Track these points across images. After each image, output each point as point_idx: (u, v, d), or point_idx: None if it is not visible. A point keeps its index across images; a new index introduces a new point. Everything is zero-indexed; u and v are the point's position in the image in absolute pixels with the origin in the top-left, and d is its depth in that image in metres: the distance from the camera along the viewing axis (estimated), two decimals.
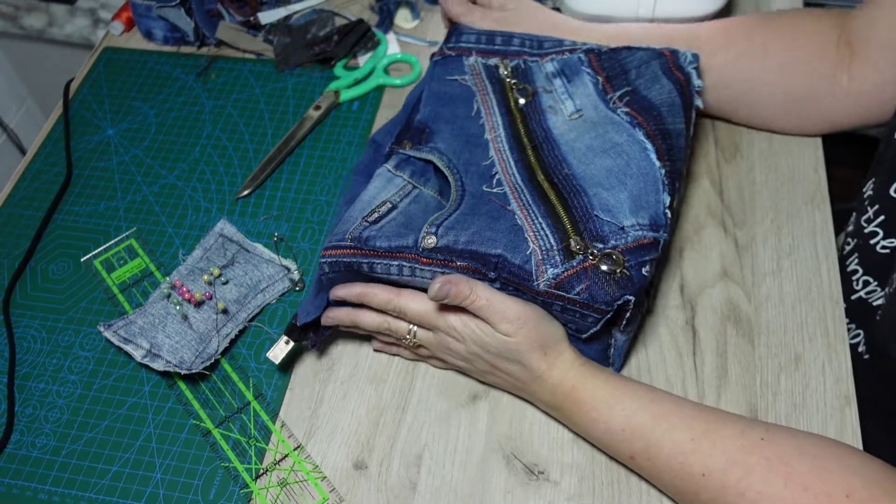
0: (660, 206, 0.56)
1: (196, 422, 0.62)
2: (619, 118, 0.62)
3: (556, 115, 0.65)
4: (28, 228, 0.74)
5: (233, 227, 0.72)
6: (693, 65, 0.65)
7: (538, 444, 0.59)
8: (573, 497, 0.56)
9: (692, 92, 0.64)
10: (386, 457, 0.59)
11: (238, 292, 0.66)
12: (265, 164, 0.77)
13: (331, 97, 0.81)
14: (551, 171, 0.60)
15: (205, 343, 0.63)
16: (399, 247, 0.56)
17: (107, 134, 0.82)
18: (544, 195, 0.58)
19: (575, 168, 0.60)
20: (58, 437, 0.62)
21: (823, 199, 0.71)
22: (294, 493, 0.58)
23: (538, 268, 0.54)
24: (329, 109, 0.81)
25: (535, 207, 0.57)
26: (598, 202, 0.56)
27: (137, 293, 0.69)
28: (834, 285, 0.65)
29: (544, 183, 0.59)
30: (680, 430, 0.52)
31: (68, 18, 1.28)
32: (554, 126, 0.64)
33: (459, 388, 0.62)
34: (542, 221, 0.56)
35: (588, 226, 0.55)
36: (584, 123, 0.64)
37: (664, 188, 0.57)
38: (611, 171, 0.58)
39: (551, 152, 0.62)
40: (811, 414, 0.59)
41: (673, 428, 0.52)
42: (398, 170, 0.64)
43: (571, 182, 0.59)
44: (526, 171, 0.60)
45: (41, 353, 0.66)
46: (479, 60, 0.71)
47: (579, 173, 0.59)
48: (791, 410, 0.59)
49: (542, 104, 0.66)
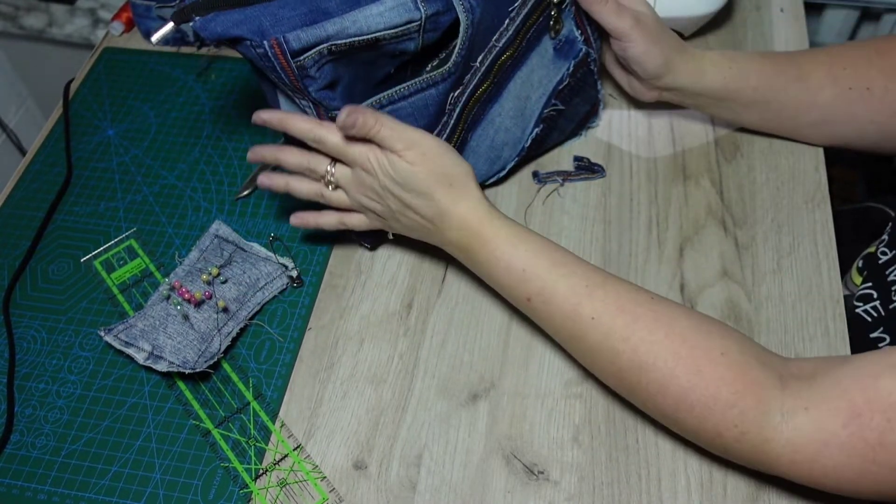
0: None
1: (196, 422, 0.62)
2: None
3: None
4: (28, 229, 0.74)
5: (228, 227, 0.72)
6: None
7: (538, 444, 0.59)
8: (573, 497, 0.56)
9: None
10: (386, 457, 0.59)
11: (237, 291, 0.66)
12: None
13: None
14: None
15: (207, 342, 0.63)
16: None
17: (107, 134, 0.82)
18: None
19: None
20: (58, 437, 0.62)
21: (823, 198, 0.71)
22: (294, 493, 0.58)
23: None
24: None
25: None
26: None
27: (137, 294, 0.69)
28: (834, 285, 0.65)
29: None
30: (577, 277, 0.55)
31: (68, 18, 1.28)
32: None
33: (459, 388, 0.62)
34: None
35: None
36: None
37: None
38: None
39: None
40: None
41: (571, 274, 0.56)
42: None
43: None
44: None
45: (41, 353, 0.66)
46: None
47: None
48: None
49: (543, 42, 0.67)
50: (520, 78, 0.66)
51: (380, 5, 0.56)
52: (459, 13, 0.58)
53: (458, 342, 0.64)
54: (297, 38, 0.54)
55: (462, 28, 0.59)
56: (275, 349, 0.65)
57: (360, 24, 0.56)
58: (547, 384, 0.62)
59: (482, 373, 0.63)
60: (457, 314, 0.66)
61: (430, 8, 0.57)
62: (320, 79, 0.57)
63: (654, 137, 0.76)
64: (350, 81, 0.59)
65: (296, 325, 0.66)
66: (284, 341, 0.65)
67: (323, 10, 0.56)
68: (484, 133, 0.67)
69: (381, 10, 0.56)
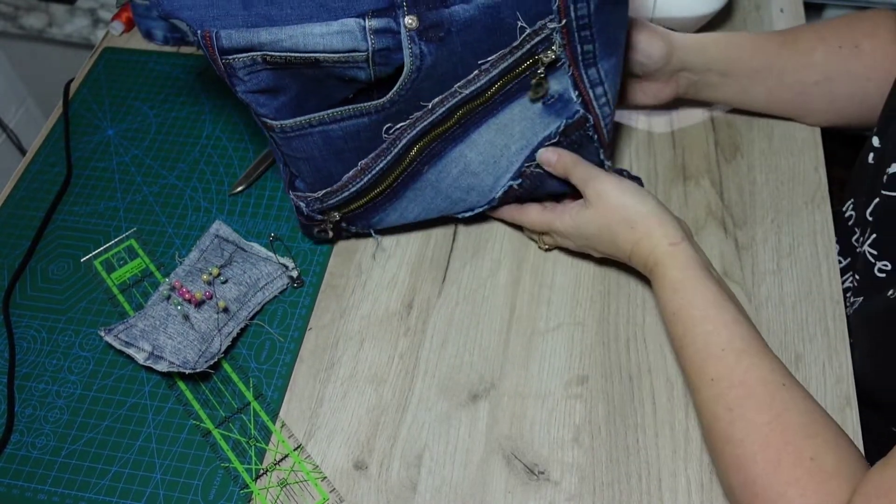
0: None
1: (196, 422, 0.62)
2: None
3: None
4: (28, 229, 0.74)
5: (228, 227, 0.72)
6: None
7: (538, 444, 0.59)
8: (573, 497, 0.56)
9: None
10: (386, 457, 0.59)
11: (238, 291, 0.66)
12: (260, 161, 0.77)
13: None
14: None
15: (207, 342, 0.63)
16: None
17: (107, 134, 0.82)
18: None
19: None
20: (58, 437, 0.62)
21: (823, 198, 0.71)
22: (294, 493, 0.58)
23: None
24: None
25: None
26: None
27: (137, 294, 0.69)
28: (834, 285, 0.65)
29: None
30: (718, 337, 0.55)
31: (68, 18, 1.28)
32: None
33: (459, 388, 0.62)
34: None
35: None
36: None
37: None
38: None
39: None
40: None
41: (713, 332, 0.55)
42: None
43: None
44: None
45: (41, 353, 0.66)
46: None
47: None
48: None
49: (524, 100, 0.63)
50: (494, 125, 0.63)
51: (323, 26, 0.55)
52: (405, 57, 0.57)
53: (459, 342, 0.64)
54: (228, 37, 0.55)
55: (405, 71, 0.57)
56: (275, 349, 0.65)
57: (296, 40, 0.55)
58: (547, 384, 0.62)
59: (482, 373, 0.63)
60: (457, 314, 0.66)
61: (380, 43, 0.56)
62: (250, 82, 0.57)
63: (654, 138, 0.76)
64: (299, 94, 0.59)
65: (296, 325, 0.66)
66: (285, 341, 0.65)
67: (270, 17, 0.56)
68: (445, 170, 0.65)
69: (324, 31, 0.55)
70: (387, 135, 0.62)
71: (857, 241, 0.68)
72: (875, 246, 0.62)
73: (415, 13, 0.55)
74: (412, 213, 0.68)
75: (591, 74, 0.62)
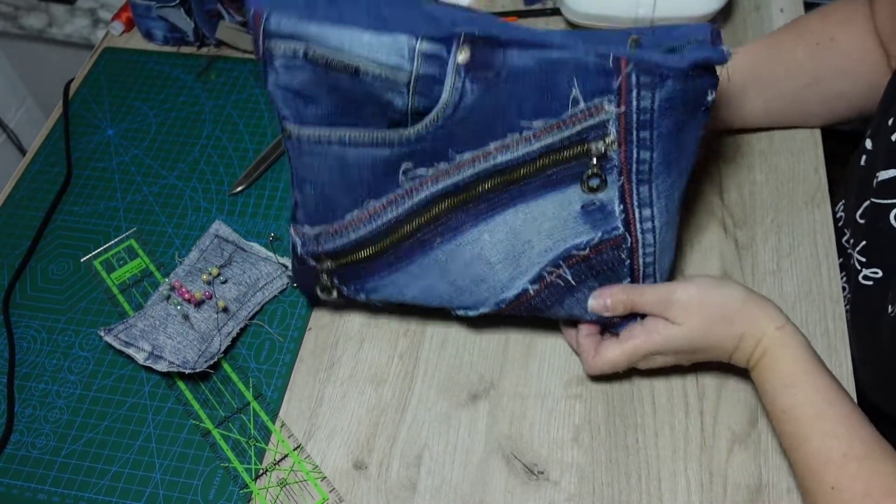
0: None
1: (196, 422, 0.62)
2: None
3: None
4: (28, 229, 0.74)
5: (228, 227, 0.72)
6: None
7: (538, 444, 0.59)
8: (573, 497, 0.56)
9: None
10: (386, 457, 0.59)
11: (237, 291, 0.66)
12: (260, 161, 0.77)
13: None
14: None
15: (207, 342, 0.63)
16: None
17: (107, 134, 0.82)
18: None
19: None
20: (58, 437, 0.62)
21: (823, 198, 0.71)
22: (294, 493, 0.58)
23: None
24: None
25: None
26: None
27: (137, 293, 0.69)
28: (834, 285, 0.65)
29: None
30: (837, 440, 0.50)
31: (68, 18, 1.28)
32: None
33: (459, 388, 0.62)
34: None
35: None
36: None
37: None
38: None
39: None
40: None
41: (832, 433, 0.51)
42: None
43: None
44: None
45: (41, 353, 0.66)
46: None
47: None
48: None
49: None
50: (523, 212, 0.57)
51: (374, 36, 0.52)
52: (445, 88, 0.52)
53: (458, 342, 0.64)
54: (278, 21, 0.52)
55: (441, 102, 0.53)
56: (275, 349, 0.65)
57: (343, 41, 0.52)
58: (547, 384, 0.62)
59: (482, 373, 0.63)
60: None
61: (425, 68, 0.52)
62: (284, 76, 0.54)
63: None
64: (332, 111, 0.55)
65: (296, 325, 0.66)
66: (284, 341, 0.65)
67: (328, 18, 0.53)
68: (459, 250, 0.58)
69: (372, 40, 0.52)
70: (404, 177, 0.56)
71: (848, 243, 0.67)
72: (864, 253, 0.62)
73: (468, 46, 0.51)
74: (410, 293, 0.61)
75: (641, 192, 0.55)
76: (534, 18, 0.88)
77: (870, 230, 0.62)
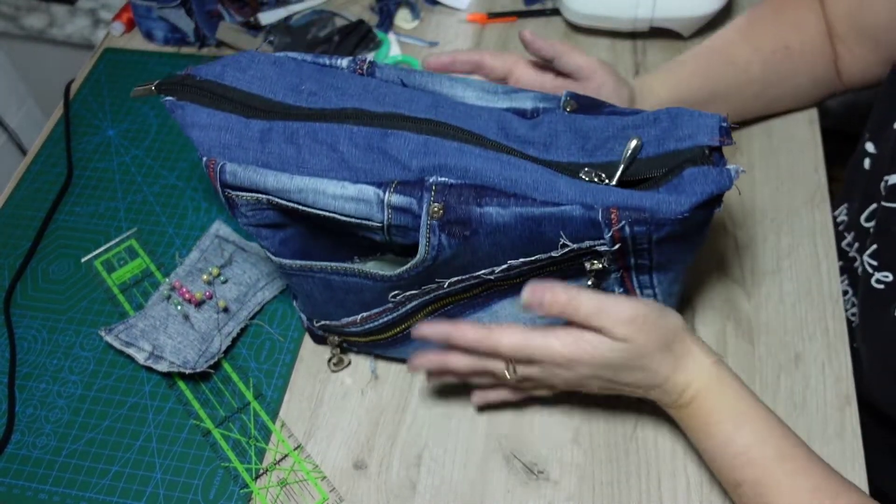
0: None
1: (196, 422, 0.62)
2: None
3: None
4: (29, 229, 0.74)
5: (228, 227, 0.72)
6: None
7: (538, 443, 0.59)
8: (573, 497, 0.56)
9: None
10: (386, 457, 0.59)
11: (238, 291, 0.67)
12: None
13: None
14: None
15: (207, 342, 0.63)
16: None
17: (107, 134, 0.82)
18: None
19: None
20: (58, 437, 0.62)
21: (823, 198, 0.71)
22: (294, 492, 0.58)
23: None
24: None
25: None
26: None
27: (138, 293, 0.69)
28: (834, 284, 0.65)
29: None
30: (805, 477, 0.48)
31: (69, 19, 1.28)
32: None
33: (459, 388, 0.62)
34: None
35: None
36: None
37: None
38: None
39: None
40: (811, 414, 0.59)
41: (800, 472, 0.48)
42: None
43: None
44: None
45: (42, 353, 0.66)
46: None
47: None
48: (791, 410, 0.59)
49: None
50: (519, 303, 0.52)
51: (338, 188, 0.48)
52: (420, 245, 0.49)
53: None
54: (233, 174, 0.50)
55: (418, 257, 0.50)
56: (275, 349, 0.65)
57: (305, 196, 0.49)
58: None
59: None
60: None
61: (397, 220, 0.49)
62: (253, 218, 0.52)
63: None
64: (305, 234, 0.54)
65: (296, 325, 0.66)
66: (285, 341, 0.66)
67: (285, 159, 0.50)
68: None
69: (337, 193, 0.49)
70: (393, 299, 0.55)
71: (849, 246, 0.67)
72: (875, 257, 0.62)
73: (442, 201, 0.47)
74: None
75: (642, 280, 0.53)
76: (534, 18, 0.88)
77: (880, 234, 0.62)
